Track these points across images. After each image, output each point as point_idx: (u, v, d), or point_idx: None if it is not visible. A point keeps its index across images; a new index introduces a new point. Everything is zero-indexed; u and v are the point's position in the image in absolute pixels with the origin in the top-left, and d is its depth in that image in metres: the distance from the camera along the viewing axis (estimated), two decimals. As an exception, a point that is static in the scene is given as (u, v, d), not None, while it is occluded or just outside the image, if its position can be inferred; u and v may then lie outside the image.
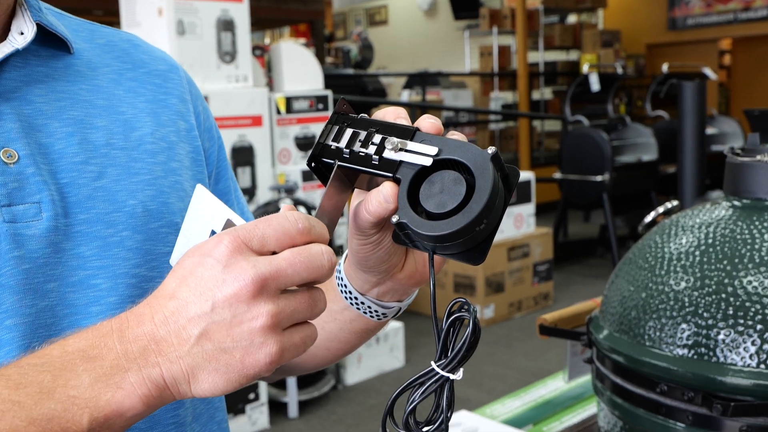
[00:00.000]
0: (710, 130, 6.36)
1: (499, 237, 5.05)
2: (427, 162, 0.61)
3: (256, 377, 0.56)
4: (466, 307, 0.59)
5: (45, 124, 0.71)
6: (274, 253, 0.57)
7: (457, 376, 0.59)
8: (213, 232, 0.62)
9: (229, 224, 0.61)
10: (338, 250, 3.92)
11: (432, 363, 0.60)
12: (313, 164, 0.66)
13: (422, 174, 0.62)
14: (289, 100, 4.03)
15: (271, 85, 4.15)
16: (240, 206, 0.94)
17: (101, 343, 0.56)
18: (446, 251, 0.62)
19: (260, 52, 4.12)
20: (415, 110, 7.12)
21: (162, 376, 0.55)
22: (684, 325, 0.93)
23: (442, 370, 0.59)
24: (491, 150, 0.60)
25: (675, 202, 1.17)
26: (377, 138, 0.64)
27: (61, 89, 0.74)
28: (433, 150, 0.61)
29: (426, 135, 0.63)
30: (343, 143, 0.65)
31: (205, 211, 0.63)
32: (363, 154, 0.64)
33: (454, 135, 0.65)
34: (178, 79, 0.86)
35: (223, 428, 0.85)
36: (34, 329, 0.66)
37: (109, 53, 0.81)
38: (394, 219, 0.61)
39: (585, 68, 6.98)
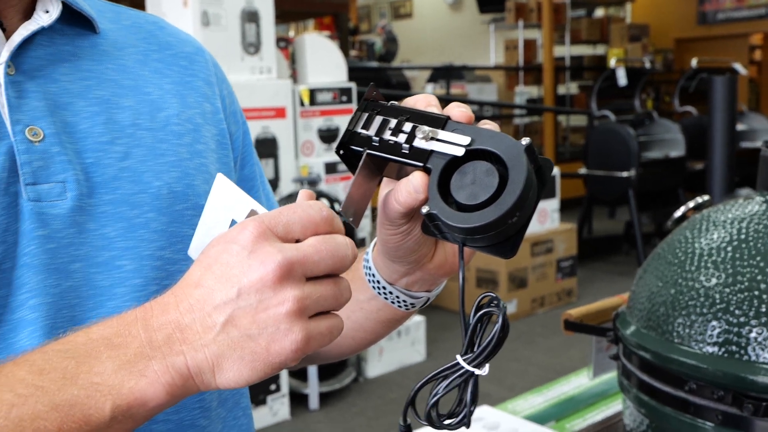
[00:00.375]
0: (740, 127, 6.27)
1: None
2: (459, 152, 0.59)
3: (282, 366, 0.55)
4: (495, 302, 0.58)
5: (71, 102, 0.70)
6: (298, 241, 0.56)
7: (483, 371, 0.58)
8: (234, 222, 0.61)
9: (252, 214, 0.61)
10: (360, 243, 3.91)
11: (458, 356, 0.58)
12: (341, 152, 0.65)
13: (453, 164, 0.60)
14: (312, 92, 4.02)
15: (295, 77, 4.15)
16: (265, 192, 0.94)
17: (126, 331, 0.55)
18: (476, 243, 0.61)
19: (284, 43, 4.11)
20: (439, 103, 7.07)
21: (186, 364, 0.55)
22: (714, 323, 0.90)
23: (468, 364, 0.57)
24: (525, 141, 0.58)
25: (706, 197, 1.14)
26: (408, 126, 0.62)
27: (87, 68, 0.73)
28: (465, 140, 0.60)
29: (457, 124, 0.61)
30: (372, 131, 0.63)
31: (226, 201, 0.62)
32: (393, 142, 0.62)
33: (486, 124, 0.63)
34: (203, 62, 0.85)
35: (248, 414, 0.84)
36: (57, 309, 0.66)
37: (134, 34, 0.80)
38: (424, 210, 0.59)
39: (612, 62, 6.90)
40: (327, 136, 4.11)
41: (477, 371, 0.58)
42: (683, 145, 6.26)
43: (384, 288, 0.73)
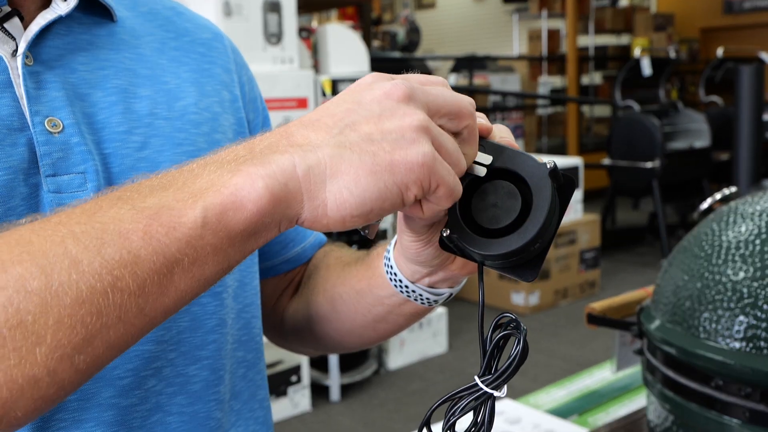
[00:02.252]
0: (767, 117, 6.19)
1: (545, 223, 4.98)
2: (482, 172, 0.58)
3: (404, 186, 0.50)
4: (513, 324, 0.56)
5: (89, 93, 0.69)
6: None
7: (501, 393, 0.56)
8: None
9: None
10: (382, 235, 3.90)
11: (476, 377, 0.56)
12: None
13: (475, 183, 0.58)
14: (334, 83, 4.01)
15: (317, 67, 4.14)
16: None
17: (222, 152, 0.52)
18: (496, 266, 0.59)
19: (306, 34, 4.10)
20: (463, 93, 7.04)
21: (293, 162, 0.49)
22: (742, 318, 0.88)
23: (486, 386, 0.56)
24: (550, 164, 0.56)
25: (733, 189, 1.12)
26: None
27: (105, 57, 0.72)
28: (487, 159, 0.58)
29: (482, 140, 0.60)
30: None
31: None
32: None
33: (502, 132, 0.61)
34: (222, 48, 0.84)
35: (265, 407, 0.83)
36: None
37: (151, 21, 0.79)
38: (445, 233, 0.58)
39: (636, 52, 6.83)
40: (349, 126, 4.10)
41: (495, 393, 0.56)
42: (708, 135, 6.18)
43: (406, 286, 0.71)
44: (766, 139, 5.75)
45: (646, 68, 6.55)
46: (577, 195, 5.22)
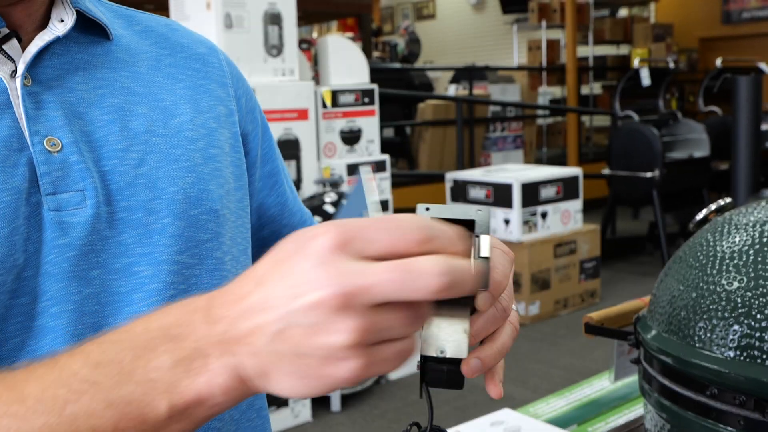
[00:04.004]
0: (765, 126, 6.20)
1: (545, 233, 5.00)
2: None
3: (339, 388, 0.51)
4: None
5: (86, 112, 0.71)
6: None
7: None
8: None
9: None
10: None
11: None
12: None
13: None
14: (335, 94, 4.03)
15: (317, 78, 4.16)
16: (290, 188, 0.94)
17: (185, 322, 0.53)
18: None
19: (307, 45, 4.13)
20: (462, 104, 7.07)
21: (239, 367, 0.52)
22: (736, 327, 0.90)
23: None
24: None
25: (728, 200, 1.13)
26: None
27: (101, 76, 0.74)
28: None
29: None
30: None
31: (354, 201, 0.62)
32: None
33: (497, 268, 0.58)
34: (217, 63, 0.86)
35: (263, 416, 0.84)
36: (79, 316, 0.67)
37: (146, 39, 0.81)
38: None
39: (636, 62, 6.85)
40: (349, 137, 4.12)
41: None
42: (708, 145, 6.19)
43: None
44: (765, 149, 5.77)
45: (645, 78, 6.57)
46: (577, 205, 5.23)
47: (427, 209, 0.54)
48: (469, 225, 0.55)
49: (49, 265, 0.65)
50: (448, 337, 0.54)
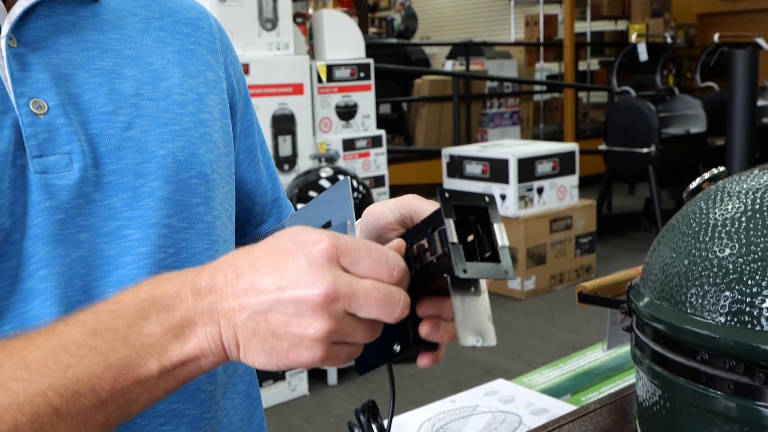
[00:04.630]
0: (761, 102, 6.20)
1: (541, 208, 5.00)
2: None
3: (296, 367, 0.59)
4: (357, 419, 0.66)
5: (73, 74, 0.70)
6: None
7: None
8: (329, 222, 0.66)
9: (341, 227, 0.65)
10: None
11: None
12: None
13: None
14: (330, 68, 4.01)
15: (312, 53, 4.14)
16: (266, 164, 0.93)
17: (175, 293, 0.59)
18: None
19: (302, 19, 4.11)
20: (458, 80, 7.05)
21: (220, 336, 0.58)
22: (727, 293, 0.90)
23: None
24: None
25: (721, 168, 1.13)
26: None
27: (89, 39, 0.73)
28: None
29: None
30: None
31: (337, 199, 0.66)
32: None
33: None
34: (208, 28, 0.85)
35: (246, 381, 0.86)
36: (68, 279, 0.67)
37: (135, 2, 0.80)
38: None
39: (633, 38, 6.82)
40: (345, 112, 4.11)
41: None
42: (704, 121, 6.18)
43: None
44: (761, 124, 5.77)
45: (643, 54, 6.55)
46: (573, 180, 5.24)
47: (448, 195, 0.59)
48: (482, 212, 0.60)
49: (36, 228, 0.65)
50: (479, 326, 0.60)
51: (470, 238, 0.59)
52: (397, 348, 0.63)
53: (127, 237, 0.70)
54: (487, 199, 0.60)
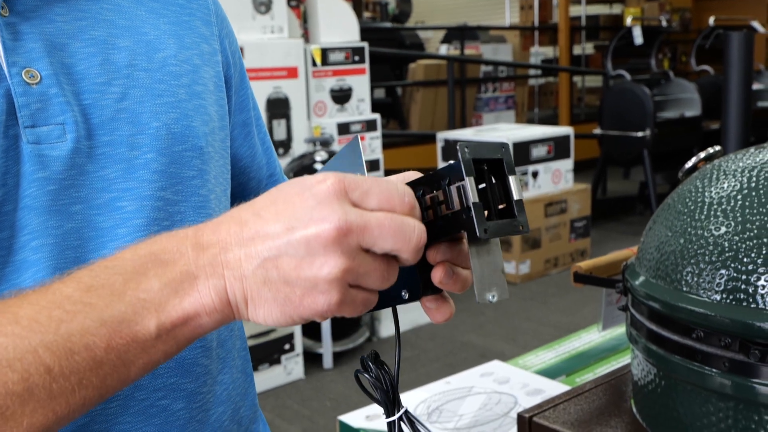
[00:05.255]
0: (756, 86, 6.20)
1: (536, 192, 5.00)
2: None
3: (310, 319, 0.56)
4: (363, 367, 0.63)
5: (66, 44, 0.69)
6: None
7: (402, 409, 0.61)
8: None
9: None
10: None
11: (386, 421, 0.61)
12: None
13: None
14: (324, 52, 4.00)
15: (306, 36, 4.12)
16: (261, 139, 0.93)
17: (174, 248, 0.56)
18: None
19: (296, 2, 4.08)
20: (453, 65, 7.02)
21: (225, 289, 0.55)
22: (723, 271, 0.90)
23: (394, 416, 0.61)
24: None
25: (717, 147, 1.13)
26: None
27: (82, 8, 0.72)
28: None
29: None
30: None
31: (350, 159, 0.64)
32: None
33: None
34: (203, 0, 0.84)
35: (242, 356, 0.85)
36: (61, 250, 0.66)
37: None
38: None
39: (628, 21, 6.81)
40: (339, 96, 4.09)
41: (399, 413, 0.61)
42: (699, 104, 6.18)
43: None
44: (756, 108, 5.77)
45: (638, 37, 6.53)
46: (568, 164, 5.23)
47: (467, 149, 0.57)
48: (497, 163, 0.58)
49: (28, 199, 0.65)
50: (493, 280, 0.58)
51: (482, 185, 0.57)
52: (405, 294, 0.61)
53: (122, 209, 0.69)
54: (502, 149, 0.59)
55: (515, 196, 0.58)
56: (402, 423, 0.61)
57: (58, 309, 0.54)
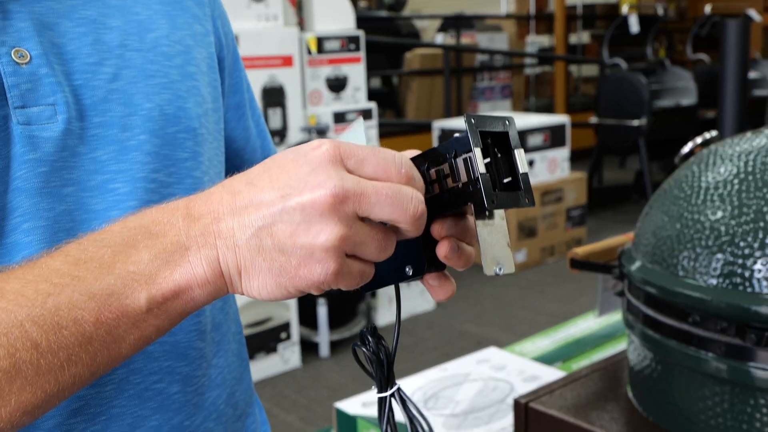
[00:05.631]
0: (753, 74, 6.20)
1: (532, 181, 4.99)
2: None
3: (305, 291, 0.54)
4: (362, 340, 0.61)
5: (57, 23, 0.68)
6: None
7: (395, 386, 0.60)
8: None
9: None
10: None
11: (377, 396, 0.61)
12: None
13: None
14: (320, 40, 3.98)
15: (302, 24, 4.10)
16: (255, 120, 0.92)
17: (165, 219, 0.55)
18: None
19: (291, -10, 4.06)
20: (449, 54, 7.01)
21: (218, 260, 0.54)
22: (719, 255, 0.90)
23: (386, 392, 0.60)
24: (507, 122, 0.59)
25: (714, 132, 1.13)
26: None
27: None
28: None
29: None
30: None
31: (354, 137, 0.64)
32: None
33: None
34: None
35: (237, 340, 0.85)
36: (53, 233, 0.65)
37: None
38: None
39: (624, 9, 6.80)
40: (335, 85, 4.08)
41: (390, 391, 0.60)
42: (695, 93, 6.18)
43: None
44: (752, 97, 5.77)
45: (634, 26, 6.52)
46: (564, 153, 5.23)
47: (474, 121, 0.57)
48: (502, 137, 0.58)
49: (19, 181, 0.64)
50: (499, 253, 0.57)
51: (487, 160, 0.57)
52: (409, 271, 0.60)
53: (114, 191, 0.69)
54: (507, 122, 0.58)
55: (521, 170, 0.57)
56: (393, 400, 0.60)
57: (45, 282, 0.53)
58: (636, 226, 1.12)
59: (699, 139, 1.13)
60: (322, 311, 3.66)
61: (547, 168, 5.11)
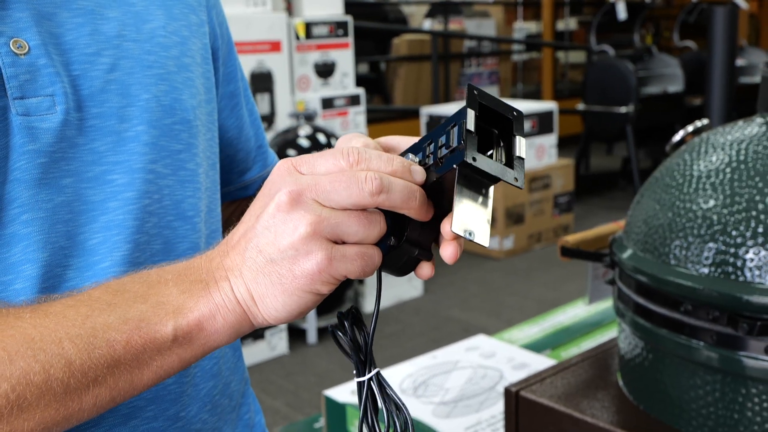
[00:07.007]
0: (740, 62, 6.21)
1: (520, 168, 5.00)
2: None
3: (313, 289, 0.56)
4: (339, 322, 0.62)
5: (54, 13, 0.68)
6: None
7: (375, 370, 0.61)
8: None
9: None
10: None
11: (356, 380, 0.61)
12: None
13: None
14: (308, 26, 3.96)
15: (290, 10, 4.08)
16: (249, 109, 0.91)
17: (193, 264, 0.60)
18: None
19: (279, -25, 4.03)
20: (437, 40, 6.99)
21: (232, 289, 0.58)
22: (711, 244, 0.90)
23: (364, 376, 0.61)
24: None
25: (705, 121, 1.13)
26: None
27: None
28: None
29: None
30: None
31: None
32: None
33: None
34: None
35: (237, 356, 0.85)
36: (51, 224, 0.65)
37: None
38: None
39: (612, -4, 6.80)
40: (323, 70, 4.06)
41: (369, 375, 0.61)
42: (682, 80, 6.20)
43: None
44: (739, 84, 5.79)
45: (622, 12, 6.52)
46: (552, 140, 5.24)
47: (476, 92, 0.56)
48: (507, 123, 0.57)
49: (18, 172, 0.64)
50: (475, 222, 0.56)
51: (490, 152, 0.56)
52: (392, 241, 0.60)
53: (112, 182, 0.68)
54: (515, 113, 0.57)
55: (517, 153, 0.57)
56: (372, 384, 0.60)
57: (85, 306, 0.57)
58: (627, 214, 1.11)
59: (690, 128, 1.13)
60: (310, 298, 3.65)
61: (534, 155, 5.11)
